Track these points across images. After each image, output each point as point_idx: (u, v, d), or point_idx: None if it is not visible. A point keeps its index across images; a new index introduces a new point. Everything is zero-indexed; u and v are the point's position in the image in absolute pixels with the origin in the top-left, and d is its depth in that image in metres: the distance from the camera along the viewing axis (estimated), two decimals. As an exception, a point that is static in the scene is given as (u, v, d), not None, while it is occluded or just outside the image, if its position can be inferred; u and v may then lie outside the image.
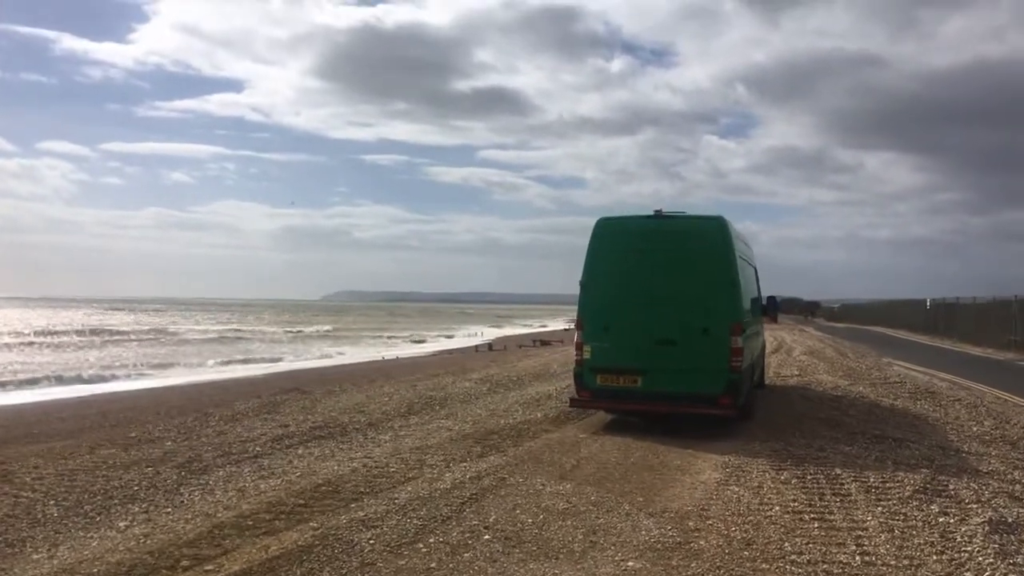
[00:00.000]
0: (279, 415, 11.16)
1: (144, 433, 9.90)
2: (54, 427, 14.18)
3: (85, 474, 7.35)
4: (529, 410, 11.48)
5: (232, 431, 9.79)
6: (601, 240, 10.37)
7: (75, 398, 21.42)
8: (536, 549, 5.29)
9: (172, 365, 31.85)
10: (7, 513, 6.02)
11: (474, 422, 10.41)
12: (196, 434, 9.66)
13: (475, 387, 14.30)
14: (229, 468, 7.67)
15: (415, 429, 9.96)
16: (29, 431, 13.65)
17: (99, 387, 24.93)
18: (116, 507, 6.23)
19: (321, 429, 9.87)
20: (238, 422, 10.57)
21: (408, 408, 11.72)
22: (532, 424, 10.32)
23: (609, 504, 6.48)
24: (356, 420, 10.59)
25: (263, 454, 8.37)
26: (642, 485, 7.20)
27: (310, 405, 12.18)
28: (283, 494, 6.48)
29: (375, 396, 13.13)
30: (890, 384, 15.59)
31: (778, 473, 7.66)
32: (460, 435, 9.41)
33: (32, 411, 19.04)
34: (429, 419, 10.80)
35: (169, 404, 17.58)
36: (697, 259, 9.98)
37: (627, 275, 10.20)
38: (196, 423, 10.56)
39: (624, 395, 10.08)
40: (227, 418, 10.96)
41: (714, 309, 9.82)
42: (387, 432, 9.76)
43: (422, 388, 14.19)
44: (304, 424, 10.20)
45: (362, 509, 6.06)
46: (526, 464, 7.90)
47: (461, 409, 11.67)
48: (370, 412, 11.33)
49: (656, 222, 10.29)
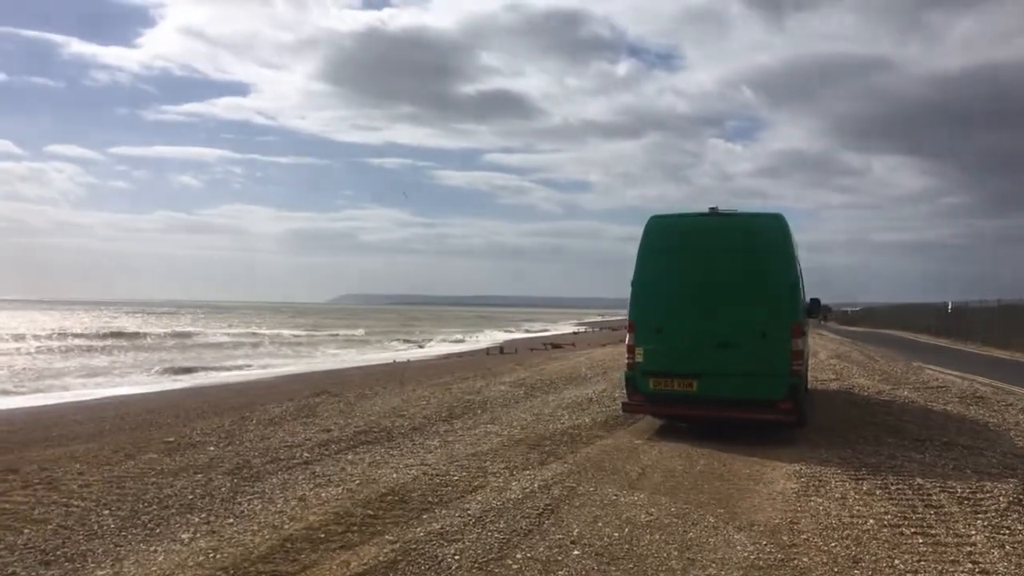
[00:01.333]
0: (318, 419, 10.82)
1: (183, 438, 9.57)
2: (72, 430, 13.89)
3: (133, 481, 7.01)
4: (575, 415, 11.12)
5: (275, 435, 9.45)
6: (653, 238, 10.01)
7: (91, 400, 21.21)
8: (633, 567, 4.94)
9: (195, 369, 31.70)
10: (60, 524, 5.68)
11: (522, 427, 10.06)
12: (238, 439, 9.32)
13: (510, 391, 13.95)
14: (282, 475, 7.32)
15: (462, 434, 9.61)
16: (48, 434, 13.37)
17: (112, 390, 24.68)
18: (174, 517, 5.88)
19: (365, 434, 9.52)
20: (278, 426, 10.23)
21: (449, 412, 11.37)
22: (582, 429, 9.96)
23: (692, 516, 6.12)
24: (399, 424, 10.24)
25: (313, 460, 8.02)
26: (717, 496, 6.84)
27: (346, 408, 11.84)
28: (348, 504, 6.13)
29: (411, 400, 12.78)
30: (933, 389, 15.17)
31: (858, 483, 7.29)
32: (512, 441, 9.06)
33: (48, 414, 18.80)
34: (473, 424, 10.45)
35: (186, 407, 17.34)
36: (756, 258, 9.60)
37: (681, 275, 9.84)
38: (235, 427, 10.23)
39: (679, 400, 9.72)
40: (265, 422, 10.62)
41: (774, 310, 9.45)
42: (434, 437, 9.41)
43: (457, 392, 13.84)
44: (347, 429, 9.85)
45: (436, 521, 5.71)
46: (589, 472, 7.55)
47: (504, 413, 11.32)
48: (411, 416, 10.98)
49: (712, 220, 9.93)
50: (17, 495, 6.46)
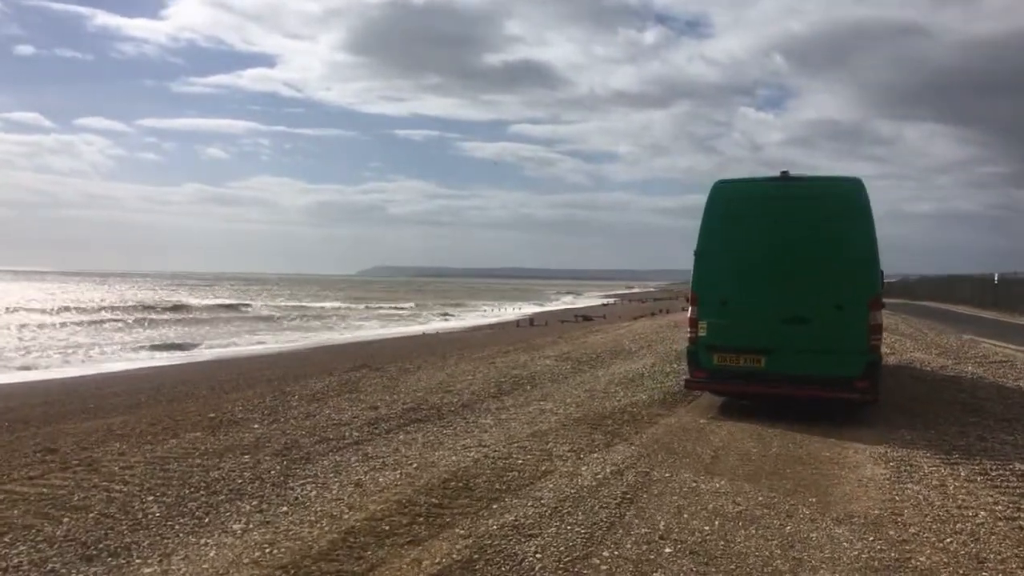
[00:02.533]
0: (362, 395, 10.39)
1: (224, 414, 9.18)
2: (109, 402, 13.65)
3: (177, 462, 6.59)
4: (629, 391, 10.59)
5: (320, 413, 9.02)
6: (718, 205, 9.38)
7: (125, 371, 21.08)
8: (735, 568, 4.41)
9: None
10: (102, 512, 5.26)
11: (577, 404, 9.55)
12: (282, 416, 8.90)
13: (556, 365, 13.44)
14: (333, 456, 6.88)
15: (516, 412, 9.12)
16: (84, 406, 13.13)
17: (147, 362, 24.58)
18: (224, 505, 5.45)
19: (415, 411, 9.07)
20: (322, 402, 9.80)
21: (497, 388, 10.88)
22: (641, 407, 9.43)
23: (783, 507, 5.58)
24: (448, 401, 9.78)
25: (363, 440, 7.57)
26: (803, 482, 6.30)
27: (390, 384, 11.40)
28: (409, 490, 5.67)
29: (456, 374, 12.32)
30: (998, 363, 14.44)
31: (954, 469, 6.71)
32: (570, 419, 8.56)
33: (86, 385, 18.65)
34: (525, 400, 9.96)
35: (219, 379, 17.07)
36: (832, 226, 8.95)
37: (750, 244, 9.22)
38: (277, 403, 9.82)
39: (745, 377, 9.14)
40: (308, 397, 10.21)
41: (851, 282, 8.81)
42: (487, 415, 8.93)
43: (501, 366, 13.36)
44: (394, 406, 9.40)
45: (507, 511, 5.22)
46: (660, 455, 7.03)
47: (555, 389, 10.81)
48: (458, 392, 10.51)
49: (784, 185, 9.27)
50: (56, 478, 6.07)
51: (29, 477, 6.07)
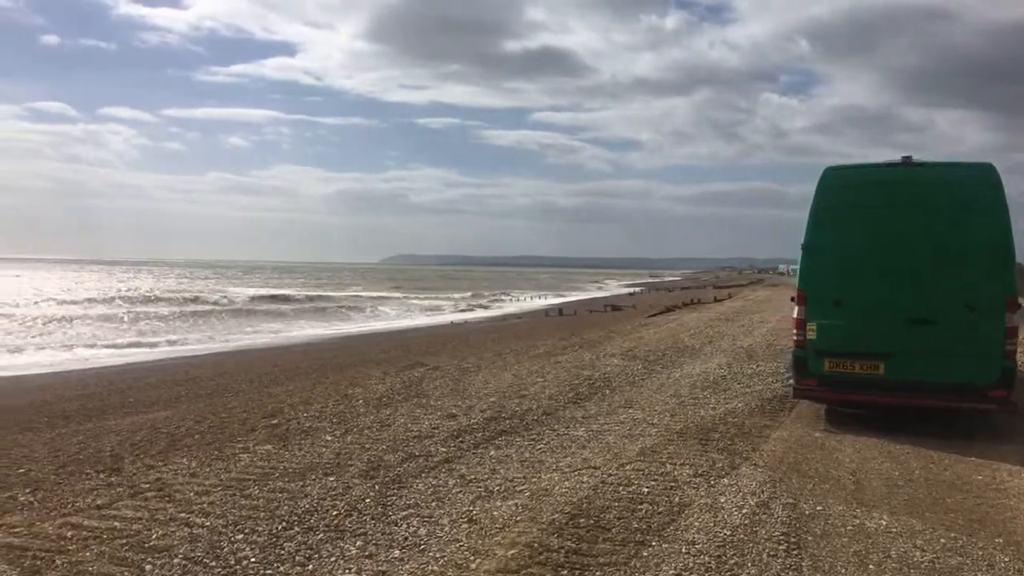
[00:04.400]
0: (431, 400, 9.62)
1: (290, 420, 8.45)
2: (148, 394, 13.01)
3: (257, 486, 5.85)
4: (719, 397, 9.77)
5: (394, 422, 8.26)
6: (831, 194, 8.50)
7: (153, 361, 20.50)
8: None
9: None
10: (187, 555, 4.51)
11: (671, 414, 8.74)
12: (354, 425, 8.15)
13: (625, 365, 12.62)
14: (427, 479, 6.11)
15: (606, 422, 8.33)
16: (124, 400, 12.50)
17: (171, 350, 24.03)
18: (325, 546, 4.69)
19: (496, 421, 8.29)
20: (391, 408, 9.05)
21: (574, 392, 10.08)
22: (741, 417, 8.62)
23: (973, 552, 4.76)
24: (527, 408, 8.99)
25: (453, 457, 6.80)
26: (974, 516, 5.46)
27: (456, 386, 10.63)
28: (534, 529, 4.88)
29: (523, 375, 11.53)
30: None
31: None
32: (672, 433, 7.75)
33: (122, 375, 18.07)
34: (609, 407, 9.16)
35: (257, 370, 16.41)
36: (962, 218, 8.05)
37: (867, 237, 8.33)
38: (344, 408, 9.07)
39: (861, 384, 8.29)
40: (374, 402, 9.46)
41: (984, 280, 7.93)
42: (576, 425, 8.14)
43: (567, 365, 12.56)
44: (472, 414, 8.63)
45: (663, 562, 4.43)
46: (793, 479, 6.21)
47: (637, 395, 10.00)
48: (534, 396, 9.73)
49: (906, 171, 8.37)
50: (126, 507, 5.34)
51: (97, 506, 5.34)
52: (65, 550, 4.51)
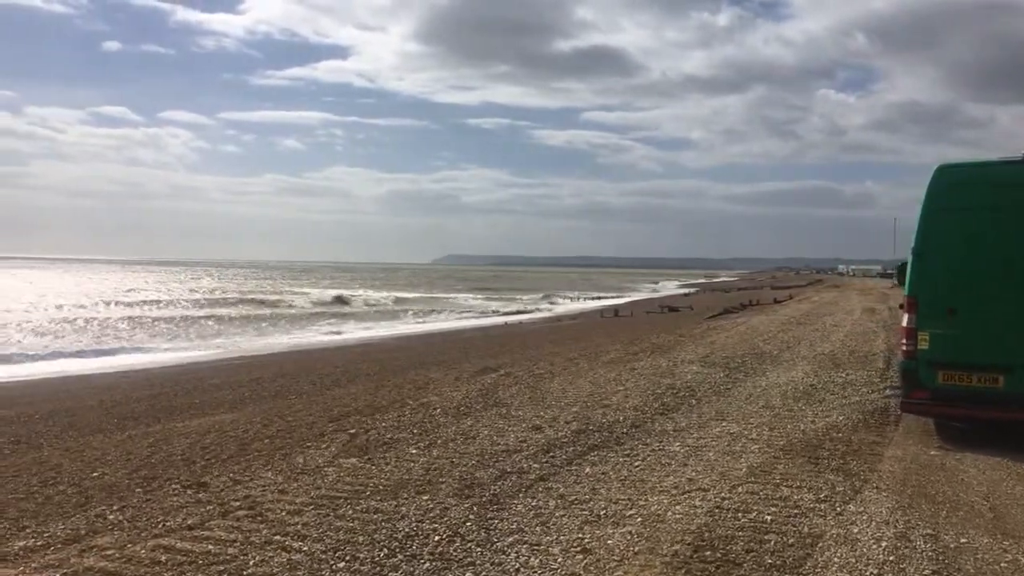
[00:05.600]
0: (511, 409, 9.26)
1: (369, 431, 8.16)
2: (213, 396, 12.93)
3: (350, 505, 5.54)
4: (816, 409, 9.24)
5: (478, 434, 7.92)
6: (943, 195, 7.92)
7: (216, 362, 20.55)
8: None
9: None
10: (289, 584, 4.21)
11: (769, 428, 8.24)
12: (436, 437, 7.83)
13: (706, 372, 12.11)
14: (525, 499, 5.74)
15: (701, 436, 7.87)
16: (190, 401, 12.43)
17: (232, 350, 24.14)
18: (433, 578, 4.35)
19: (585, 434, 7.89)
20: (472, 418, 8.71)
21: (659, 402, 9.63)
22: (845, 432, 8.09)
23: None
24: (613, 420, 8.58)
25: (548, 475, 6.42)
26: None
27: (533, 394, 10.26)
28: (657, 563, 4.47)
29: (601, 383, 11.11)
30: None
31: None
32: (776, 449, 7.26)
33: (187, 375, 18.14)
34: (699, 420, 8.69)
35: (318, 371, 16.27)
36: None
37: (985, 241, 7.73)
38: (423, 418, 8.77)
39: (979, 399, 7.69)
40: (453, 411, 9.14)
41: None
42: (670, 440, 7.70)
43: (645, 372, 12.10)
44: (558, 425, 8.24)
45: (809, 604, 3.99)
46: (923, 506, 5.70)
47: (726, 406, 9.51)
48: (617, 407, 9.31)
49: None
50: (218, 527, 5.07)
51: (188, 526, 5.08)
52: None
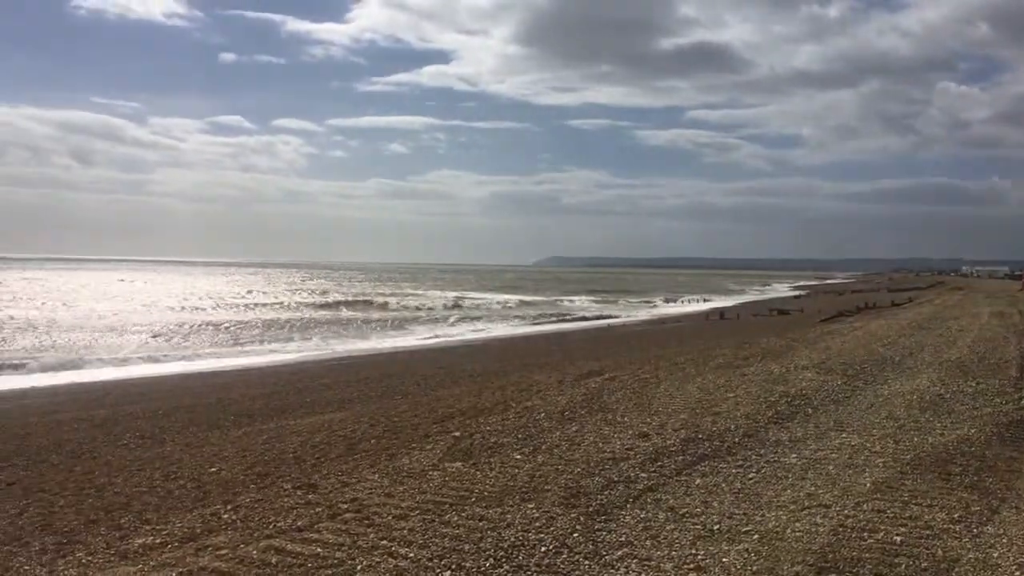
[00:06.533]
0: (616, 414, 9.06)
1: (473, 434, 8.13)
2: (322, 395, 13.25)
3: (455, 511, 5.50)
4: (945, 421, 8.64)
5: (582, 439, 7.76)
6: None
7: (326, 361, 21.08)
8: None
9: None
10: (396, 590, 4.18)
11: (893, 439, 7.75)
12: (541, 443, 7.72)
13: (822, 379, 11.55)
14: (633, 511, 5.56)
15: (819, 447, 7.47)
16: (301, 400, 12.78)
17: (341, 350, 24.73)
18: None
19: (694, 443, 7.62)
20: (577, 423, 8.56)
21: (773, 411, 9.23)
22: (978, 446, 7.51)
23: None
24: (723, 428, 8.25)
25: (656, 485, 6.21)
26: None
27: (638, 400, 10.02)
28: (776, 584, 4.22)
29: (709, 389, 10.76)
30: None
31: None
32: (902, 463, 6.81)
33: (299, 375, 18.69)
34: (817, 430, 8.26)
35: (422, 373, 16.43)
36: None
37: None
38: (527, 422, 8.68)
39: None
40: (557, 416, 9.01)
41: None
42: (786, 451, 7.34)
43: (756, 379, 11.64)
44: (665, 433, 8.00)
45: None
46: (1072, 530, 5.19)
47: (846, 415, 9.01)
48: (727, 415, 8.96)
49: None
50: (327, 529, 5.12)
51: (297, 528, 5.16)
52: (272, 579, 4.30)
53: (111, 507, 6.28)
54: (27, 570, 4.75)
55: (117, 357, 24.24)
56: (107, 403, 13.87)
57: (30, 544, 5.36)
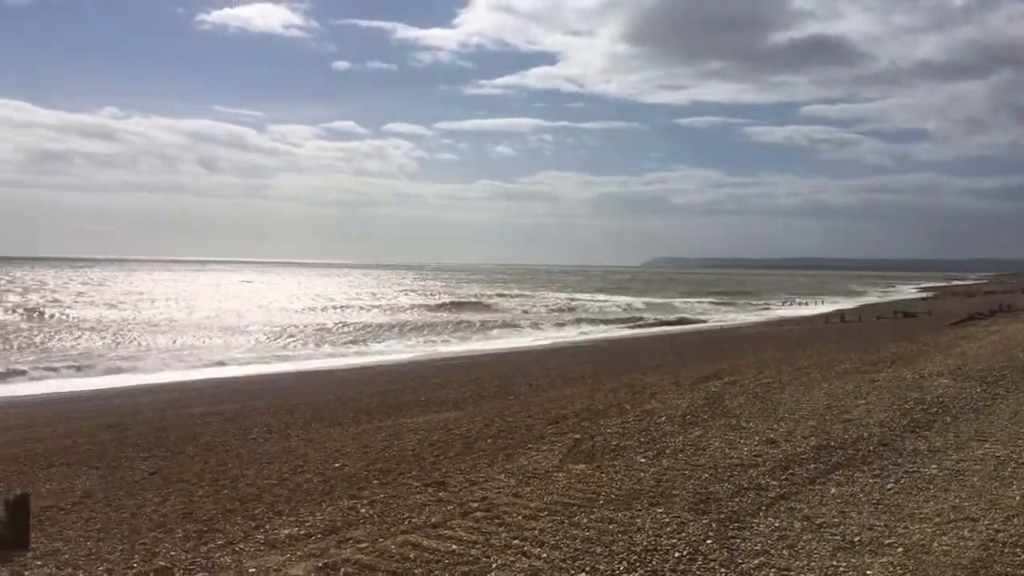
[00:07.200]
0: (740, 419, 8.87)
1: (595, 435, 8.12)
2: (436, 394, 13.47)
3: (584, 513, 5.51)
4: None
5: (708, 445, 7.64)
6: None
7: (439, 360, 21.45)
8: None
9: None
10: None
11: (1046, 452, 7.28)
12: (664, 445, 7.65)
13: (960, 386, 10.95)
14: (767, 519, 5.43)
15: (958, 457, 7.08)
16: (416, 398, 13.04)
17: (450, 350, 25.12)
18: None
19: (826, 450, 7.37)
20: (700, 427, 8.43)
21: (909, 419, 8.81)
22: None
23: None
24: (856, 436, 7.94)
25: (788, 493, 6.05)
26: None
27: (763, 405, 9.77)
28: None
29: (838, 395, 10.37)
30: None
31: None
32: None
33: (412, 374, 19.12)
34: (956, 439, 7.84)
35: (532, 374, 16.48)
36: None
37: None
38: (648, 424, 8.61)
39: None
40: (677, 419, 8.89)
41: None
42: (925, 461, 6.99)
43: (888, 385, 11.14)
44: (794, 440, 7.77)
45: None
46: None
47: (987, 424, 8.51)
48: (859, 422, 8.62)
49: None
50: (459, 527, 5.24)
51: (431, 524, 5.29)
52: (411, 573, 4.43)
53: (245, 498, 6.62)
54: (173, 555, 5.04)
55: (239, 355, 25.52)
56: (234, 398, 14.61)
57: (174, 531, 5.71)
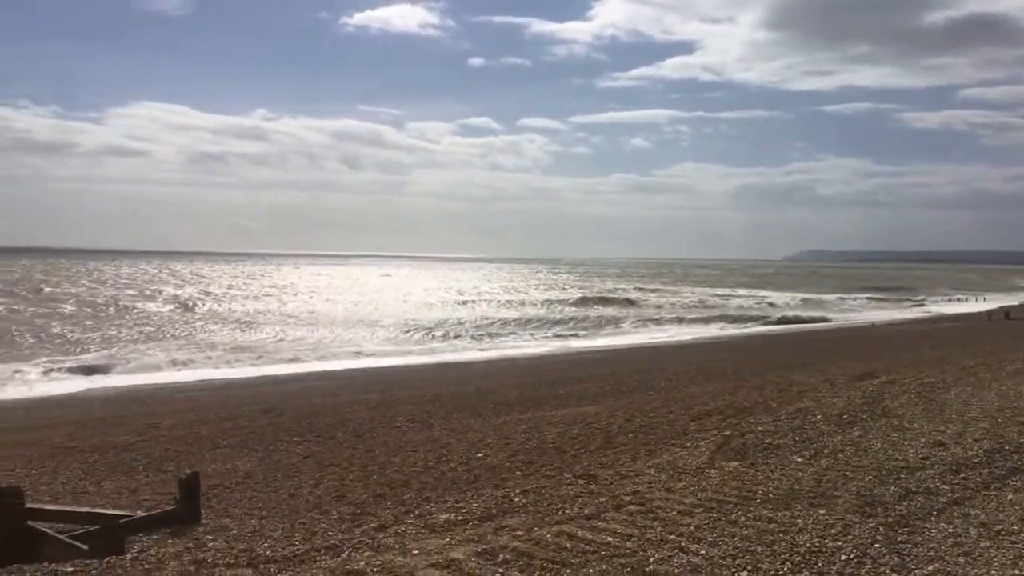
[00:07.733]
0: (903, 420, 8.40)
1: (745, 433, 7.92)
2: (574, 388, 13.53)
3: (741, 511, 5.36)
4: None
5: (869, 445, 7.27)
6: None
7: (573, 354, 21.44)
8: None
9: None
10: (691, 586, 4.18)
11: None
12: (821, 444, 7.36)
13: None
14: (939, 524, 5.12)
15: None
16: (554, 392, 13.09)
17: (585, 344, 25.05)
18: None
19: (1000, 454, 6.86)
20: (858, 428, 8.06)
21: (1093, 423, 8.10)
22: None
23: None
24: (1034, 439, 7.39)
25: (961, 498, 5.68)
26: None
27: (927, 405, 9.23)
28: None
29: (1011, 397, 9.65)
30: None
31: None
32: None
33: (545, 367, 19.24)
34: None
35: (673, 370, 16.17)
36: None
37: None
38: (801, 423, 8.31)
39: None
40: (835, 419, 8.53)
41: None
42: (1118, 470, 6.41)
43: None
44: (964, 443, 7.28)
45: None
46: None
47: None
48: (1037, 425, 8.00)
49: None
50: (613, 520, 5.23)
51: (585, 516, 5.32)
52: (568, 563, 4.47)
53: (393, 483, 6.87)
54: (330, 535, 5.28)
55: (379, 348, 26.52)
56: (377, 388, 15.18)
57: (329, 512, 6.00)
